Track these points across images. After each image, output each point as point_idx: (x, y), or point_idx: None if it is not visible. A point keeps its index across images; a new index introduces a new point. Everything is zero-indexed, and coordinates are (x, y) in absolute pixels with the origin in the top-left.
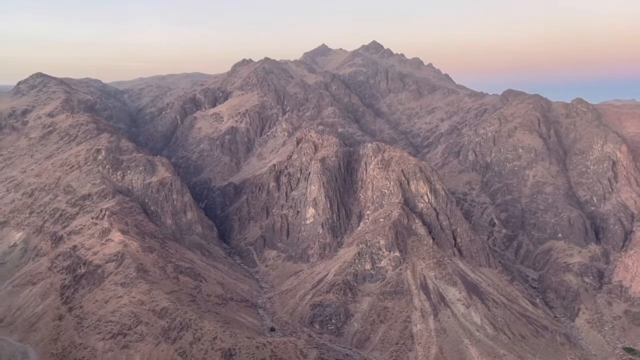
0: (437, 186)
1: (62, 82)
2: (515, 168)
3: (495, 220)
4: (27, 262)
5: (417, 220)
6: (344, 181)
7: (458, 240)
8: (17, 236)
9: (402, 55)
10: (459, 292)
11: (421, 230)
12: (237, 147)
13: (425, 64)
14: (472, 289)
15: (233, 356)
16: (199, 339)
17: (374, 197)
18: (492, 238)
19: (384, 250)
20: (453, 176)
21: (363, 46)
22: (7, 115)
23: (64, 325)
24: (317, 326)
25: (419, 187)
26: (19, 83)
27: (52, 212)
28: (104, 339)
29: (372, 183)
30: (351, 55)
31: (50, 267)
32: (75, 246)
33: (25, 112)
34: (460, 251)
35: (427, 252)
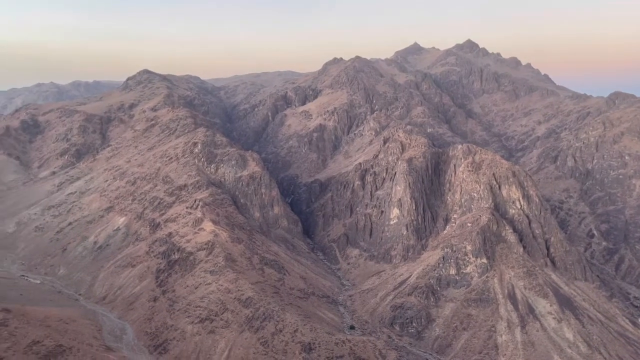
0: (531, 192)
1: (165, 78)
2: (620, 176)
3: (595, 232)
4: (127, 246)
5: (507, 227)
6: (430, 183)
7: (551, 250)
8: (120, 221)
9: (498, 54)
10: (550, 305)
11: (511, 237)
12: (324, 144)
13: (523, 63)
14: (565, 303)
15: (312, 350)
16: (280, 331)
17: (462, 200)
18: (590, 250)
19: (471, 256)
20: (549, 182)
21: (457, 45)
22: (117, 108)
23: (157, 307)
24: (397, 328)
25: (511, 193)
26: (128, 79)
27: (151, 200)
28: (192, 322)
29: (461, 186)
30: (444, 54)
31: (147, 251)
32: (170, 233)
33: (132, 106)
34: (553, 262)
35: (517, 261)
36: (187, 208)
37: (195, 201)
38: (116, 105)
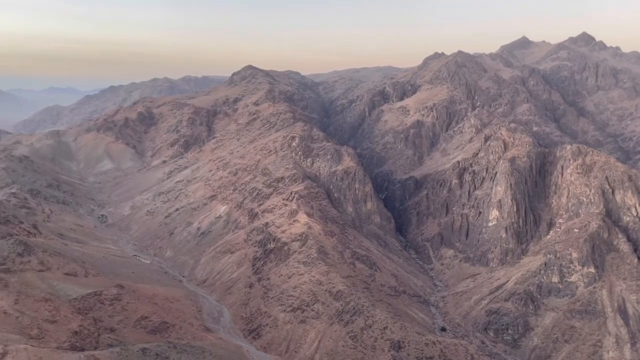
0: None
1: (267, 74)
2: None
3: None
4: (227, 233)
5: (620, 235)
6: (534, 184)
7: None
8: (222, 209)
9: (617, 48)
10: None
11: (625, 247)
12: (421, 141)
13: None
14: None
15: (401, 349)
16: (370, 326)
17: (569, 204)
18: None
19: (576, 264)
20: None
21: (570, 38)
22: (222, 102)
23: (253, 293)
24: (491, 334)
25: (627, 198)
26: (233, 74)
27: (251, 190)
28: (285, 310)
29: (568, 189)
30: (555, 48)
31: (246, 239)
32: (267, 223)
33: (236, 100)
34: None
35: (630, 273)
36: (283, 200)
37: (291, 193)
38: (222, 99)
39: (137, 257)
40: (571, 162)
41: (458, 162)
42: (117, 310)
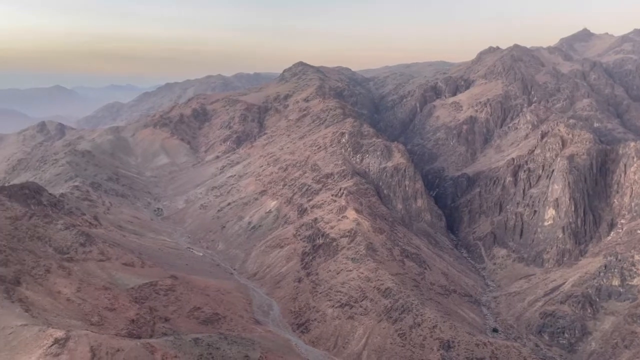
0: None
1: (318, 70)
2: None
3: None
4: (277, 228)
5: None
6: (594, 183)
7: None
8: (272, 204)
9: None
10: None
11: None
12: (474, 137)
13: None
14: None
15: (451, 348)
16: (419, 325)
17: (632, 204)
18: None
19: (639, 267)
20: None
21: (635, 30)
22: (273, 99)
23: (301, 288)
24: (545, 337)
25: None
26: (284, 71)
27: (300, 186)
28: (333, 306)
29: (632, 188)
30: (619, 40)
31: (295, 234)
32: (316, 219)
33: (286, 97)
34: None
35: None
36: (332, 196)
37: (340, 189)
38: (273, 95)
39: (191, 250)
40: (635, 159)
41: (513, 159)
42: (171, 301)
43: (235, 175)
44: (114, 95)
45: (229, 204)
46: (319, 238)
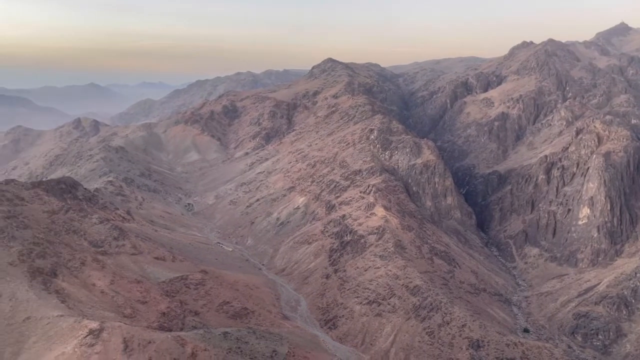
0: None
1: (347, 66)
2: None
3: None
4: (305, 224)
5: None
6: (631, 181)
7: None
8: (300, 200)
9: None
10: None
11: None
12: (505, 134)
13: None
14: None
15: (480, 348)
16: (448, 323)
17: None
18: None
19: None
20: None
21: None
22: (302, 95)
23: (329, 284)
24: (579, 338)
25: None
26: (313, 68)
27: (328, 182)
28: (361, 303)
29: None
30: None
31: (323, 230)
32: (344, 215)
33: (315, 94)
34: None
35: None
36: (360, 192)
37: (368, 186)
38: (301, 92)
39: (220, 245)
40: None
41: (546, 156)
42: (201, 295)
43: (264, 171)
44: (146, 92)
45: (257, 200)
46: (346, 235)
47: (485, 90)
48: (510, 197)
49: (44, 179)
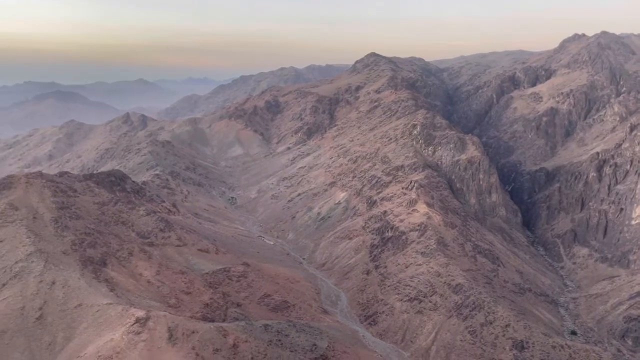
0: None
1: (390, 61)
2: None
3: None
4: (346, 219)
5: None
6: None
7: None
8: (341, 196)
9: None
10: None
11: None
12: (554, 130)
13: None
14: None
15: (525, 349)
16: (491, 323)
17: None
18: None
19: None
20: None
21: None
22: (344, 90)
23: (370, 280)
24: (629, 342)
25: None
26: (356, 62)
27: (370, 178)
28: (401, 300)
29: None
30: None
31: (363, 226)
32: (385, 211)
33: (358, 88)
34: None
35: None
36: (402, 188)
37: (410, 182)
38: (344, 87)
39: (262, 238)
40: None
41: (597, 153)
42: (243, 287)
43: (305, 166)
44: (192, 88)
45: (299, 194)
46: (388, 231)
47: (534, 85)
48: (558, 195)
49: (94, 172)
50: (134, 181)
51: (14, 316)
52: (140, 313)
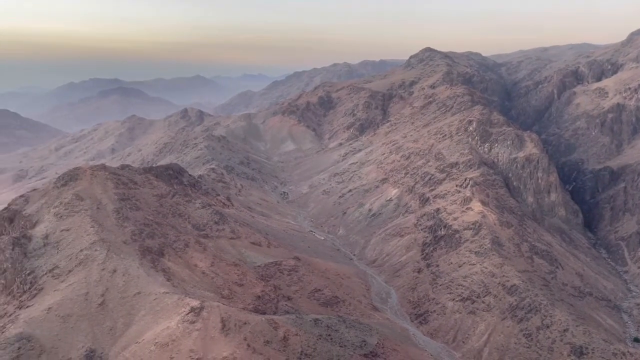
0: None
1: (446, 56)
2: None
3: None
4: (398, 216)
5: None
6: None
7: None
8: (393, 192)
9: None
10: None
11: None
12: (620, 127)
13: None
14: None
15: (583, 355)
16: (547, 327)
17: None
18: None
19: None
20: None
21: None
22: (398, 86)
23: (421, 278)
24: None
25: None
26: (410, 57)
27: (423, 175)
28: (453, 299)
29: None
30: None
31: (415, 224)
32: (438, 209)
33: (412, 84)
34: None
35: None
36: (456, 186)
37: (465, 180)
38: (397, 82)
39: (313, 233)
40: None
41: None
42: (293, 281)
43: (357, 162)
44: (247, 84)
45: (350, 190)
46: (440, 229)
47: (599, 80)
48: (623, 196)
49: (153, 165)
50: (190, 175)
51: (78, 301)
52: (195, 303)
